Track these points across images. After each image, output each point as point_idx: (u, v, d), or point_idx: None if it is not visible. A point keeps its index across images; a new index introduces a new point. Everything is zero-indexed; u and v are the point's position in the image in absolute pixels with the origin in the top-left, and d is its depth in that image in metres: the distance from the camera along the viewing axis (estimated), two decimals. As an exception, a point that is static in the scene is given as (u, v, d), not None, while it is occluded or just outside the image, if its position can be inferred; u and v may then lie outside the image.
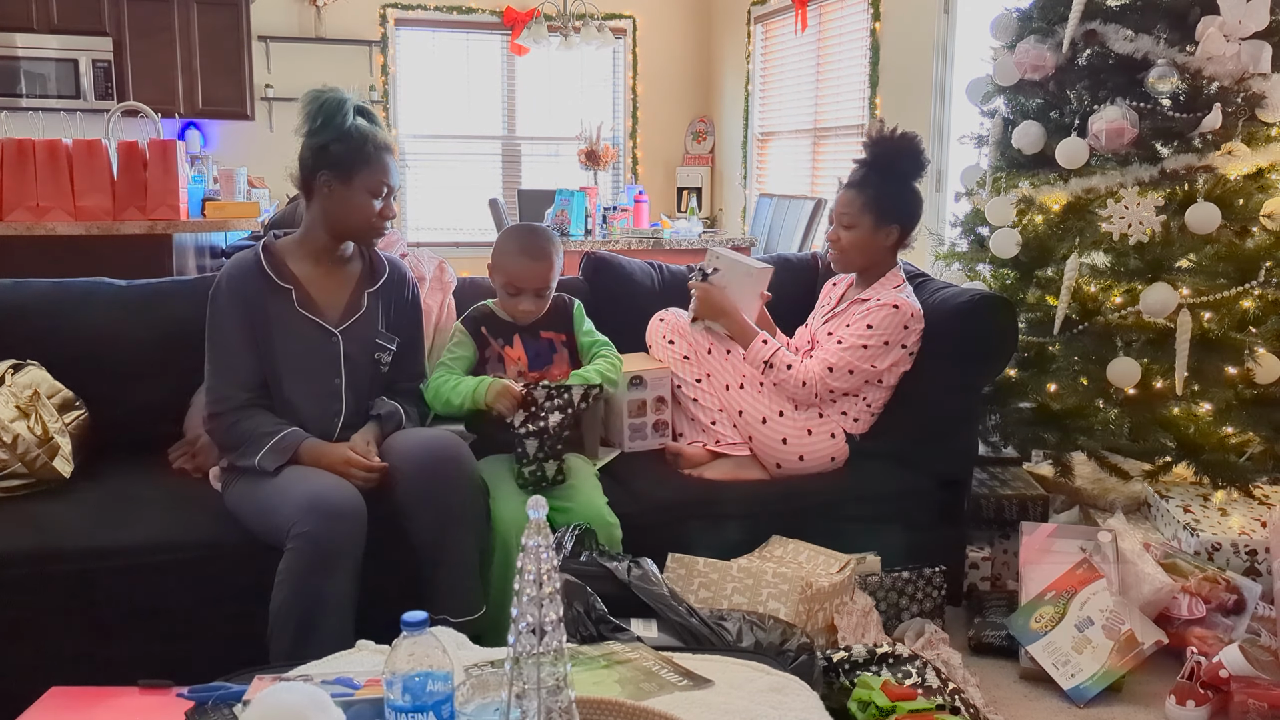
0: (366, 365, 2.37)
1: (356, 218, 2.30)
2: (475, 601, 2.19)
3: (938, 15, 5.40)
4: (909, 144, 2.67)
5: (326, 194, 2.29)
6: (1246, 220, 2.82)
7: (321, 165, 2.27)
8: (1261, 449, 2.91)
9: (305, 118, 2.28)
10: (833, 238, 2.72)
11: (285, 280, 2.30)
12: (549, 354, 2.55)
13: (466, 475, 2.21)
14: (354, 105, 2.31)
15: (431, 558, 2.16)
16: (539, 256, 2.48)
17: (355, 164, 2.27)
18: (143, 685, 1.60)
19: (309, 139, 2.29)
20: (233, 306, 2.27)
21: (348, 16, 7.71)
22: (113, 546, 2.11)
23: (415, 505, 2.15)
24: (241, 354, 2.26)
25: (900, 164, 2.67)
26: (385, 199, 2.32)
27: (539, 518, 1.16)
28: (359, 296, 2.37)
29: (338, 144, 2.26)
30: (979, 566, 2.79)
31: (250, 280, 2.29)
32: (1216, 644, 2.36)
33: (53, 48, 6.86)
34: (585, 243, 5.57)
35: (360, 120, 2.30)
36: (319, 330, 2.31)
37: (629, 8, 8.34)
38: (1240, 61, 2.76)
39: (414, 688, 1.27)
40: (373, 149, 2.28)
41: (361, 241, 2.39)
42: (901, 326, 2.59)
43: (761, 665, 1.65)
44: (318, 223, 2.33)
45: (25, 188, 3.85)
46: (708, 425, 2.65)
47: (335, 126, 2.26)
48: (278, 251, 2.34)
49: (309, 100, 2.28)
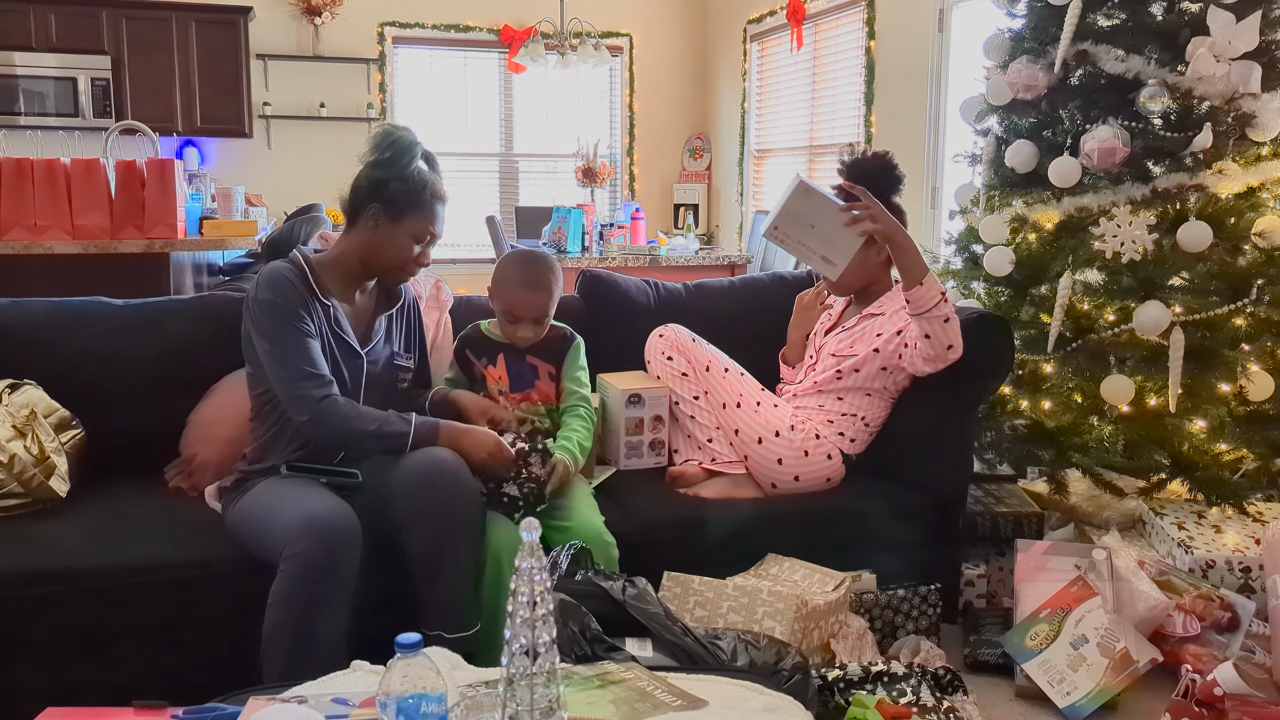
0: (387, 386, 2.40)
1: (393, 257, 2.33)
2: (471, 617, 2.19)
3: (932, 34, 5.44)
4: (883, 162, 2.69)
5: (372, 226, 2.31)
6: (1238, 239, 2.84)
7: (375, 199, 2.30)
8: (1255, 466, 2.91)
9: (374, 149, 2.31)
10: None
11: (327, 297, 2.31)
12: (531, 378, 2.55)
13: (465, 491, 2.21)
14: (423, 151, 2.35)
15: (428, 572, 2.16)
16: (538, 288, 2.49)
17: (408, 207, 2.29)
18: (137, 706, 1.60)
19: (371, 169, 2.31)
20: (290, 306, 2.22)
21: (346, 35, 7.74)
22: (109, 566, 2.11)
23: (413, 520, 2.15)
24: (314, 345, 2.23)
25: (878, 182, 2.68)
26: (425, 246, 2.36)
27: (532, 540, 1.17)
28: (377, 320, 2.40)
29: (398, 183, 2.29)
30: (974, 584, 2.79)
31: (297, 288, 2.25)
32: (1211, 661, 2.36)
33: (51, 66, 6.89)
34: (582, 260, 5.60)
35: (423, 166, 2.34)
36: (349, 350, 2.32)
37: (626, 26, 8.39)
38: (1230, 81, 2.78)
39: (408, 709, 1.27)
40: (429, 196, 2.32)
41: (388, 280, 2.41)
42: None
43: (756, 685, 1.65)
44: (354, 250, 2.34)
45: (23, 206, 3.86)
46: (704, 443, 2.65)
47: (400, 166, 2.29)
48: (316, 268, 2.33)
49: (383, 134, 2.31)
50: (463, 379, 2.57)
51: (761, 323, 3.02)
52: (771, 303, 3.03)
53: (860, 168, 2.68)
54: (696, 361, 2.69)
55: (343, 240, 2.36)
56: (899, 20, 5.77)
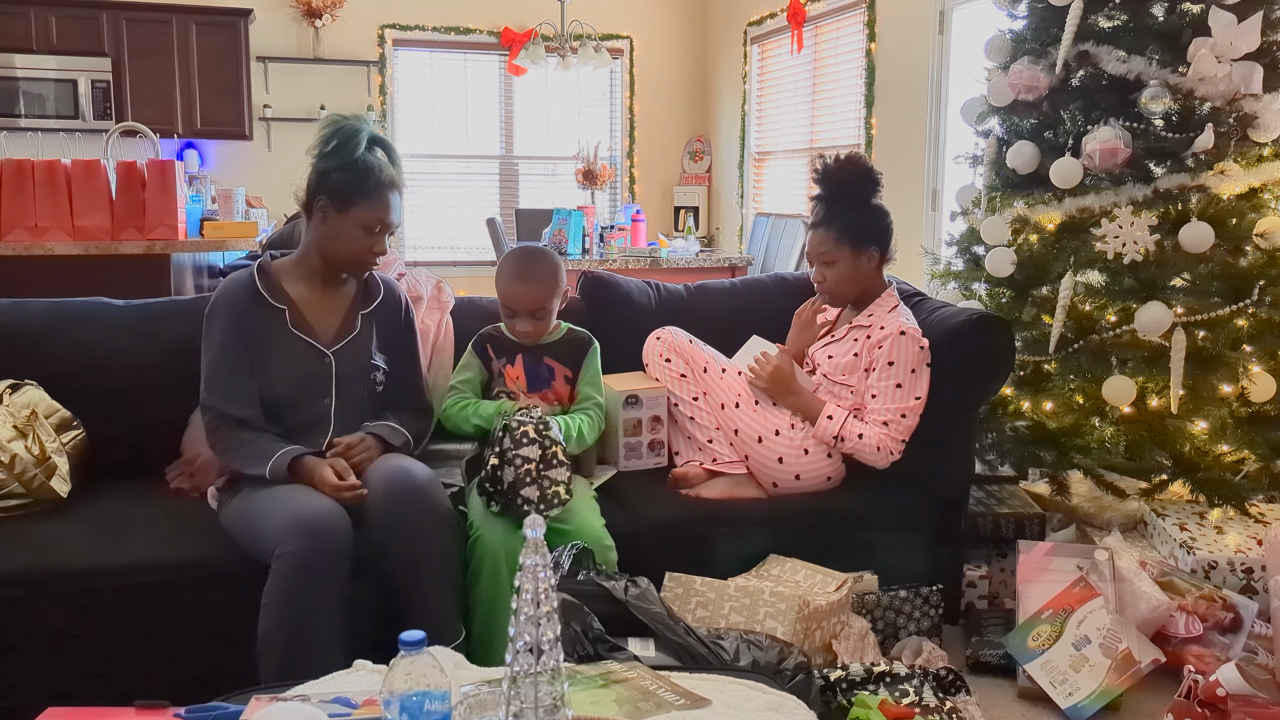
0: (360, 386, 2.37)
1: (346, 249, 2.31)
2: (451, 630, 2.15)
3: (932, 36, 5.44)
4: (858, 165, 2.69)
5: (321, 219, 2.30)
6: (1239, 239, 2.83)
7: (322, 190, 2.29)
8: (1257, 467, 2.91)
9: (319, 140, 2.29)
10: (818, 279, 2.72)
11: (279, 300, 2.31)
12: (548, 379, 2.56)
13: (433, 506, 2.17)
14: (370, 136, 2.31)
15: (405, 589, 2.14)
16: (529, 280, 2.49)
17: (354, 196, 2.27)
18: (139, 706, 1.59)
19: (317, 161, 2.30)
20: (227, 323, 2.27)
21: (346, 37, 7.74)
22: (110, 566, 2.11)
23: (385, 538, 2.13)
24: (237, 369, 2.26)
25: (856, 187, 2.68)
26: (378, 235, 2.32)
27: (537, 536, 1.16)
28: (353, 318, 2.38)
29: (341, 173, 2.27)
30: (976, 585, 2.79)
31: (244, 298, 2.30)
32: (1214, 662, 2.36)
33: (52, 68, 6.90)
34: (582, 262, 5.59)
35: (372, 153, 2.31)
36: (312, 351, 2.31)
37: (626, 28, 8.39)
38: (1232, 82, 2.78)
39: (411, 707, 1.27)
40: (374, 184, 2.29)
41: (350, 273, 2.40)
42: (918, 349, 2.59)
43: (759, 684, 1.65)
44: (313, 246, 2.35)
45: (24, 208, 3.86)
46: (704, 444, 2.65)
47: (344, 155, 2.27)
48: (273, 271, 2.35)
49: (327, 124, 2.29)
50: (482, 374, 2.57)
51: (763, 323, 3.01)
52: (772, 303, 3.03)
53: (834, 176, 2.69)
54: (695, 362, 2.69)
55: (304, 237, 2.37)
56: (899, 22, 5.78)
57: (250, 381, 2.26)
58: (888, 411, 2.56)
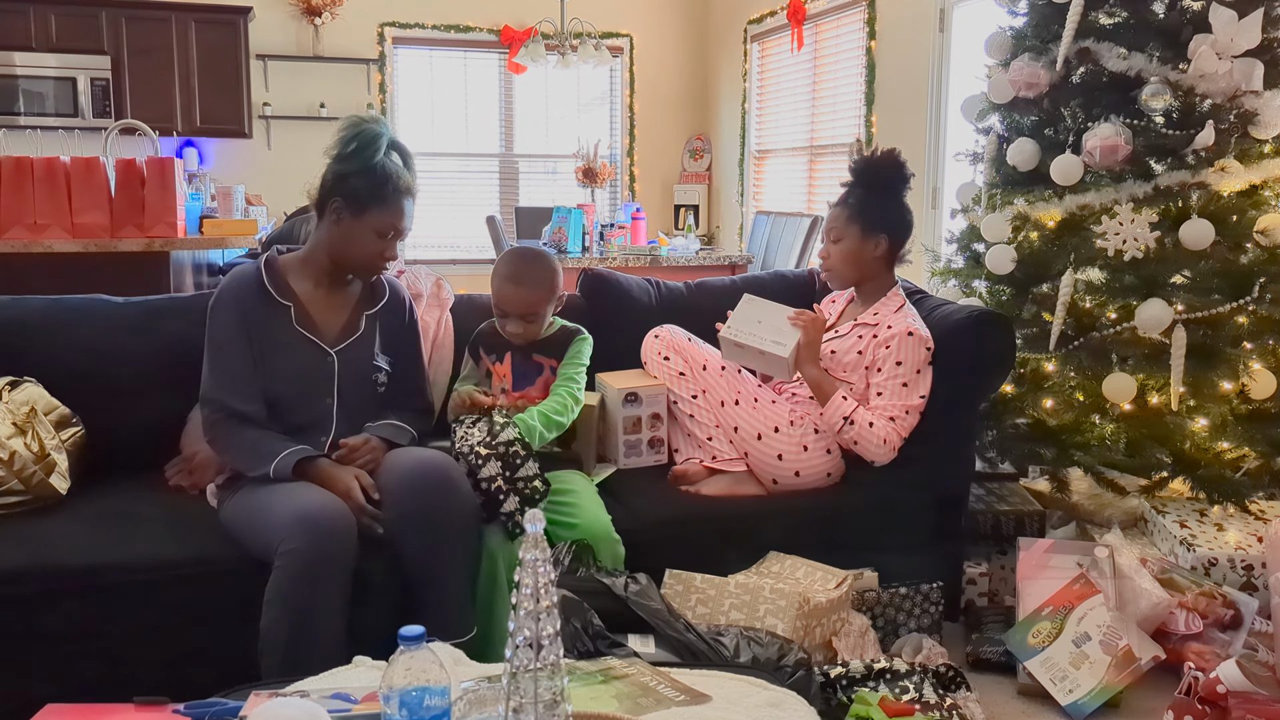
0: (362, 386, 2.37)
1: (358, 252, 2.32)
2: (465, 623, 2.16)
3: (933, 34, 5.44)
4: (891, 158, 2.71)
5: (334, 221, 2.30)
6: (1240, 236, 2.83)
7: (338, 192, 2.29)
8: (1258, 464, 2.91)
9: (338, 142, 2.29)
10: (823, 254, 2.75)
11: (285, 297, 2.31)
12: (534, 376, 2.55)
13: (457, 496, 2.19)
14: (389, 141, 2.32)
15: (421, 578, 2.14)
16: (522, 283, 2.49)
17: (370, 201, 2.28)
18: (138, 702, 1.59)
19: (335, 163, 2.30)
20: (231, 317, 2.27)
21: (346, 35, 7.74)
22: (109, 563, 2.11)
23: (405, 526, 2.14)
24: (239, 365, 2.25)
25: (883, 177, 2.70)
26: (390, 240, 2.33)
27: (536, 531, 1.16)
28: (357, 318, 2.38)
29: (359, 177, 2.27)
30: (976, 582, 2.79)
31: (250, 293, 2.29)
32: (1214, 659, 2.35)
33: (51, 66, 6.89)
34: (583, 260, 5.59)
35: (390, 159, 2.31)
36: (315, 349, 2.31)
37: (626, 26, 8.39)
38: (1233, 79, 2.78)
39: (411, 703, 1.27)
40: (391, 190, 2.29)
41: (358, 275, 2.40)
42: (925, 350, 2.60)
43: (759, 680, 1.65)
44: (322, 246, 2.34)
45: (23, 205, 3.85)
46: (704, 441, 2.65)
47: (363, 159, 2.27)
48: (280, 268, 2.35)
49: (348, 125, 2.29)
50: (476, 374, 2.59)
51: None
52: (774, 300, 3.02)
53: (865, 163, 2.71)
54: (693, 360, 2.69)
55: (313, 236, 2.36)
56: (900, 20, 5.77)
57: (253, 376, 2.26)
58: (894, 408, 2.57)
